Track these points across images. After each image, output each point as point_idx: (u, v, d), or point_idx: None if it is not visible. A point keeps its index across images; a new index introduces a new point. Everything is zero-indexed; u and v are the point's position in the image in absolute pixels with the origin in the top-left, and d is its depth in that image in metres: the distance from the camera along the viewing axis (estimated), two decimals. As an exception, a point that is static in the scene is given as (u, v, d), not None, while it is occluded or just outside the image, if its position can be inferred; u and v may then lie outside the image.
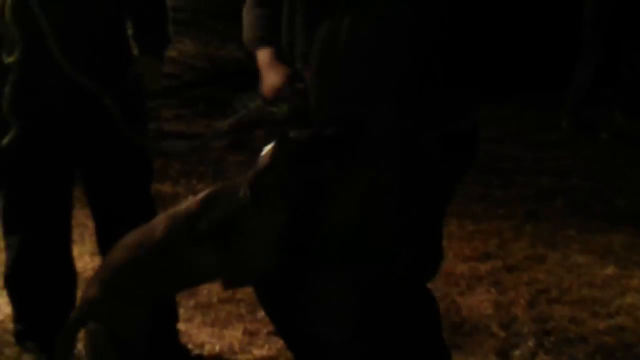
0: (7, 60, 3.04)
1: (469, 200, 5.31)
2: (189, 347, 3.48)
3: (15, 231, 3.25)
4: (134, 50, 3.31)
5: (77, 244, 4.37)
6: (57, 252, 3.31)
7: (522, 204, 5.41)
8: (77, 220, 4.17)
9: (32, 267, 3.24)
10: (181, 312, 3.57)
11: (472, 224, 4.99)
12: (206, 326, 3.69)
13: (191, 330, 3.63)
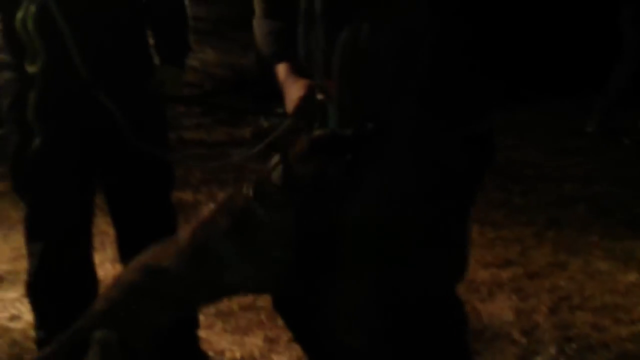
0: (30, 69, 3.07)
1: (490, 206, 5.30)
2: (210, 354, 3.49)
3: (37, 239, 3.26)
4: (155, 59, 3.34)
5: (99, 252, 4.39)
6: (78, 260, 3.32)
7: (543, 211, 5.38)
8: (99, 227, 4.19)
9: (53, 274, 3.25)
10: (202, 319, 3.57)
11: (493, 230, 4.97)
12: (227, 333, 3.70)
13: (211, 337, 3.63)
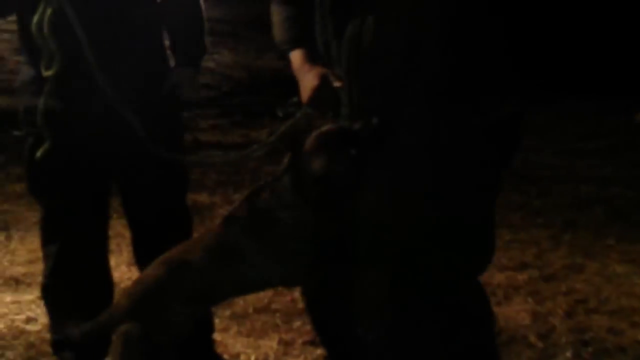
0: (46, 73, 3.07)
1: (507, 209, 5.29)
2: (225, 357, 3.48)
3: (52, 241, 3.27)
4: (171, 61, 3.34)
5: (115, 254, 4.40)
6: (94, 262, 3.32)
7: (560, 213, 5.38)
8: (115, 230, 4.20)
9: (69, 277, 3.26)
10: (217, 322, 3.58)
11: (510, 233, 4.96)
12: (242, 336, 3.69)
13: (227, 340, 3.62)
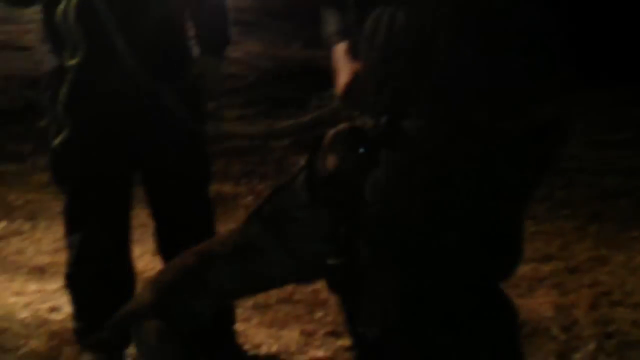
0: (70, 62, 3.08)
1: (532, 200, 5.24)
2: (246, 347, 3.50)
3: (76, 231, 3.30)
4: (195, 50, 3.34)
5: (139, 244, 4.40)
6: (117, 252, 3.35)
7: (585, 205, 5.35)
8: (139, 220, 4.20)
9: (92, 266, 3.29)
10: (239, 312, 3.59)
11: (535, 224, 4.92)
12: (264, 326, 3.71)
13: (249, 330, 3.64)
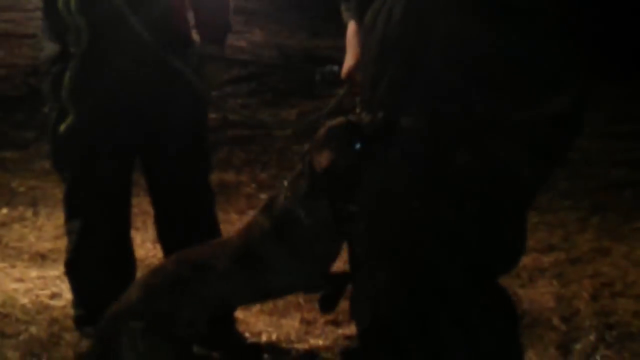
0: (73, 50, 3.08)
1: (537, 194, 5.23)
2: (246, 335, 3.49)
3: (76, 217, 3.29)
4: (196, 38, 3.34)
5: (140, 232, 4.43)
6: (117, 239, 3.34)
7: (589, 196, 5.33)
8: (141, 207, 4.22)
9: (92, 252, 3.28)
10: (240, 300, 3.57)
11: (537, 215, 4.89)
12: (264, 314, 3.70)
13: (249, 318, 3.63)
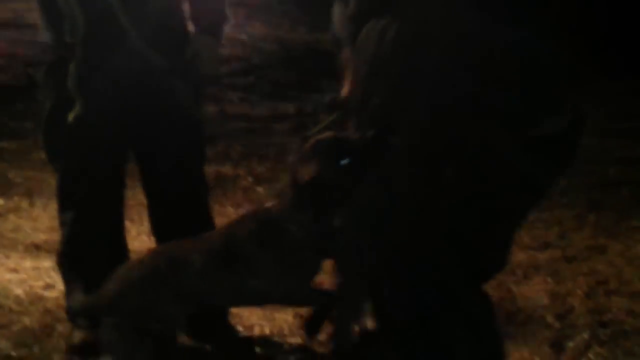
0: (70, 40, 3.08)
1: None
2: (239, 328, 3.49)
3: (69, 208, 3.29)
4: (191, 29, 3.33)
5: (136, 224, 4.42)
6: (110, 230, 3.34)
7: (586, 193, 5.29)
8: (136, 199, 4.21)
9: (84, 244, 3.28)
10: (233, 293, 3.56)
11: (533, 212, 4.87)
12: (257, 308, 3.68)
13: (242, 311, 3.60)
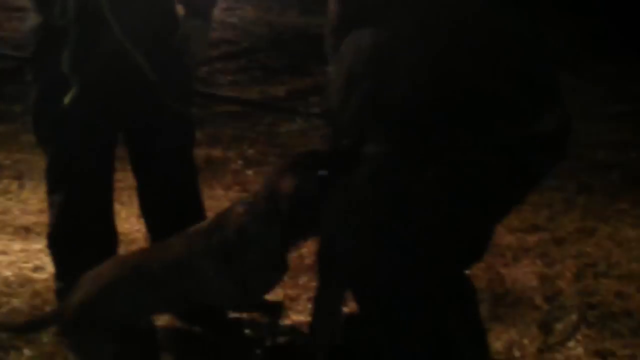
0: (60, 22, 3.06)
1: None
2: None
3: (58, 190, 3.27)
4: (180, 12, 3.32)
5: (126, 206, 4.41)
6: (98, 212, 3.32)
7: (575, 176, 5.26)
8: (127, 182, 4.20)
9: (73, 226, 3.27)
10: (223, 276, 3.57)
11: (522, 195, 4.89)
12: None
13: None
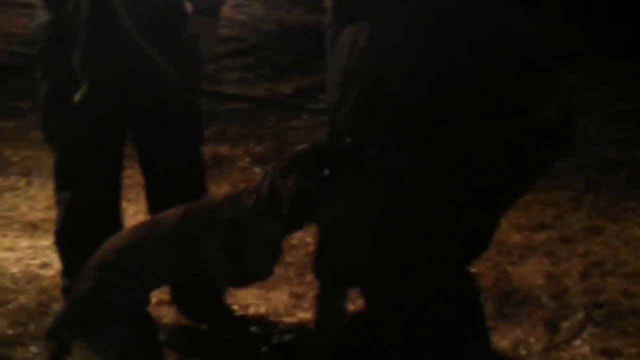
0: (75, 20, 3.07)
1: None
2: (235, 308, 3.51)
3: (66, 187, 3.29)
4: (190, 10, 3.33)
5: (133, 203, 4.42)
6: (106, 209, 3.34)
7: (582, 175, 5.25)
8: (134, 179, 4.21)
9: (81, 223, 3.28)
10: (229, 272, 3.57)
11: (529, 193, 4.84)
12: (253, 287, 3.67)
13: (238, 291, 3.62)
